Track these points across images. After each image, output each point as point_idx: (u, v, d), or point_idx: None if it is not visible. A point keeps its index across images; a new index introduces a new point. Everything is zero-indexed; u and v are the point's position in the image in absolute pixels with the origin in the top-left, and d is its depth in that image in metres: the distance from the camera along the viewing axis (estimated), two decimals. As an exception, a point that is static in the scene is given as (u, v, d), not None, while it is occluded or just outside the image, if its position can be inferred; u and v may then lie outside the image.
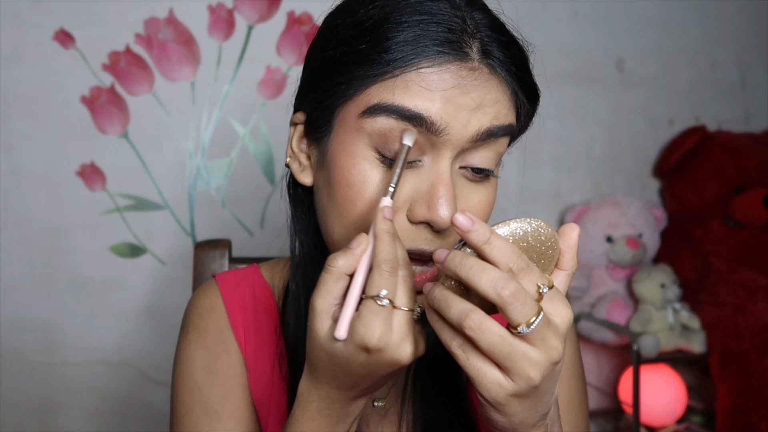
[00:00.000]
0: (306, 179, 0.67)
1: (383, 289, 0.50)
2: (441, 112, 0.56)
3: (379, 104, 0.57)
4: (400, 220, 0.59)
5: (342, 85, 0.59)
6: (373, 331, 0.49)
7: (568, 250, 0.54)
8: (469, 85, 0.57)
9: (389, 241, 0.52)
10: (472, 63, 0.58)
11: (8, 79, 1.50)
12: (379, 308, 0.50)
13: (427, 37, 0.56)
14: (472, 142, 0.58)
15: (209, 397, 0.69)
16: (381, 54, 0.57)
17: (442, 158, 0.58)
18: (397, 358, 0.50)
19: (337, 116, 0.61)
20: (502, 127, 0.59)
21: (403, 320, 0.51)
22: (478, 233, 0.49)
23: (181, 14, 1.57)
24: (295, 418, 0.56)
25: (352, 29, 0.59)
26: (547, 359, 0.48)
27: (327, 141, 0.62)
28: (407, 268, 0.52)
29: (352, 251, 0.53)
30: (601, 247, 1.73)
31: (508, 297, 0.47)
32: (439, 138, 0.57)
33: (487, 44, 0.59)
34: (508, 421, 0.52)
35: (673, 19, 1.90)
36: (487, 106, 0.58)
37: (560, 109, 1.81)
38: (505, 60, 0.59)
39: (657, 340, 1.59)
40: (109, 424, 1.58)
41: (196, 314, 0.75)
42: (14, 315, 1.53)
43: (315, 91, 0.62)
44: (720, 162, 1.79)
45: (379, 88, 0.57)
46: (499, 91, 0.59)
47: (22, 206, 1.53)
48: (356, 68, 0.58)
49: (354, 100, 0.59)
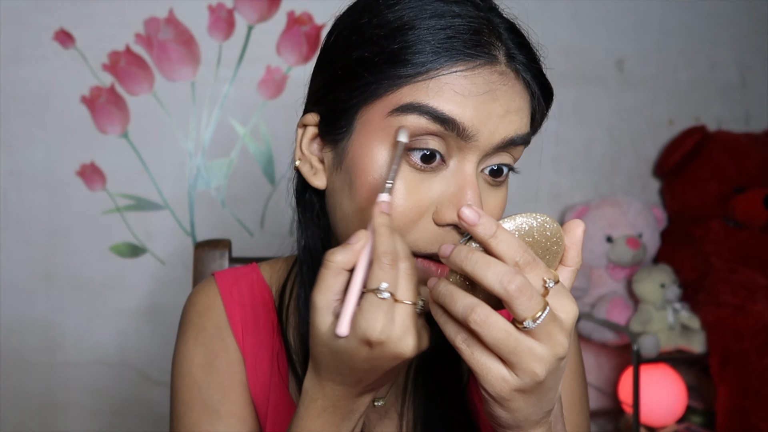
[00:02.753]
0: (318, 182, 0.66)
1: (383, 282, 0.49)
2: (473, 118, 0.56)
3: (412, 104, 0.57)
4: (425, 224, 0.59)
5: (372, 84, 0.58)
6: (375, 325, 0.49)
7: (573, 246, 0.54)
8: (499, 91, 0.57)
9: (388, 234, 0.52)
10: (500, 67, 0.58)
11: (8, 79, 1.50)
12: (380, 301, 0.49)
13: (458, 39, 0.57)
14: (496, 149, 0.59)
15: (209, 395, 0.69)
16: (415, 55, 0.57)
17: (468, 162, 0.58)
18: (400, 351, 0.50)
19: (361, 117, 0.60)
20: (521, 136, 0.60)
21: (405, 313, 0.50)
22: (484, 227, 0.49)
23: (181, 14, 1.57)
24: (300, 416, 0.56)
25: (380, 29, 0.59)
26: (553, 354, 0.48)
27: (347, 142, 0.61)
28: (409, 260, 0.52)
29: (351, 246, 0.52)
30: (601, 247, 1.73)
31: (514, 291, 0.47)
32: (468, 143, 0.57)
33: (511, 48, 0.59)
34: (512, 417, 0.51)
35: (673, 19, 1.90)
36: (512, 114, 0.58)
37: (560, 109, 1.81)
38: (527, 63, 0.60)
39: (657, 340, 1.59)
40: (109, 424, 1.58)
41: (194, 312, 0.75)
42: (14, 315, 1.53)
43: (338, 92, 0.62)
44: (720, 162, 1.79)
45: (412, 89, 0.57)
46: (523, 98, 0.60)
47: (22, 206, 1.53)
48: (389, 69, 0.58)
49: (383, 99, 0.58)
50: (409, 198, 0.58)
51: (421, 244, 0.58)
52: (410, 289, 0.51)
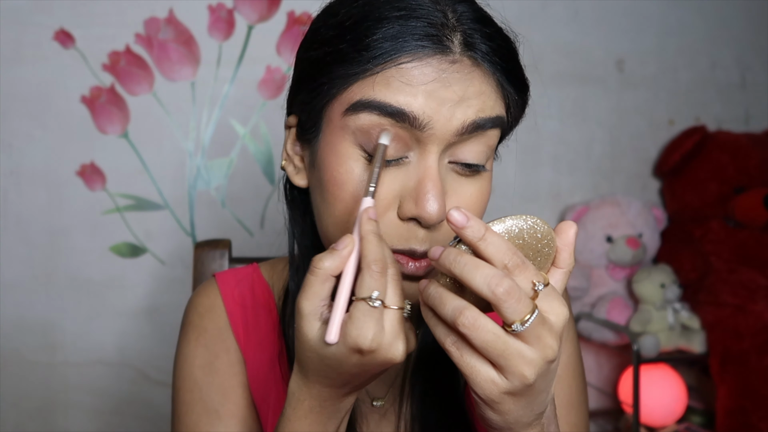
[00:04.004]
0: (301, 181, 0.67)
1: (375, 290, 0.49)
2: (423, 106, 0.56)
3: (361, 101, 0.57)
4: (390, 218, 0.59)
5: (325, 84, 0.59)
6: (367, 333, 0.49)
7: (564, 248, 0.53)
8: (450, 78, 0.56)
9: (376, 241, 0.51)
10: (453, 56, 0.57)
11: (8, 79, 1.50)
12: (371, 309, 0.49)
13: (407, 32, 0.56)
14: (458, 135, 0.57)
15: (209, 397, 0.70)
16: (361, 52, 0.57)
17: (428, 153, 0.57)
18: (391, 357, 0.50)
19: (324, 116, 0.61)
20: (489, 119, 0.58)
21: (395, 319, 0.50)
22: (473, 230, 0.49)
23: (181, 14, 1.57)
24: (287, 416, 0.56)
25: (333, 29, 0.59)
26: (542, 357, 0.48)
27: (316, 142, 0.62)
28: (394, 266, 0.52)
29: (338, 252, 0.52)
30: (601, 247, 1.73)
31: (502, 294, 0.46)
32: (424, 133, 0.56)
33: (469, 36, 0.58)
34: (503, 420, 0.51)
35: (673, 19, 1.90)
36: (471, 99, 0.57)
37: (560, 109, 1.81)
38: (489, 51, 0.59)
39: (657, 340, 1.59)
40: (109, 424, 1.58)
41: (195, 313, 0.75)
42: (14, 315, 1.53)
43: (302, 93, 0.63)
44: (720, 162, 1.79)
45: (360, 85, 0.57)
46: (483, 82, 0.58)
47: (22, 206, 1.53)
48: (338, 67, 0.58)
49: (338, 99, 0.59)
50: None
51: (388, 239, 0.57)
52: (398, 294, 0.51)
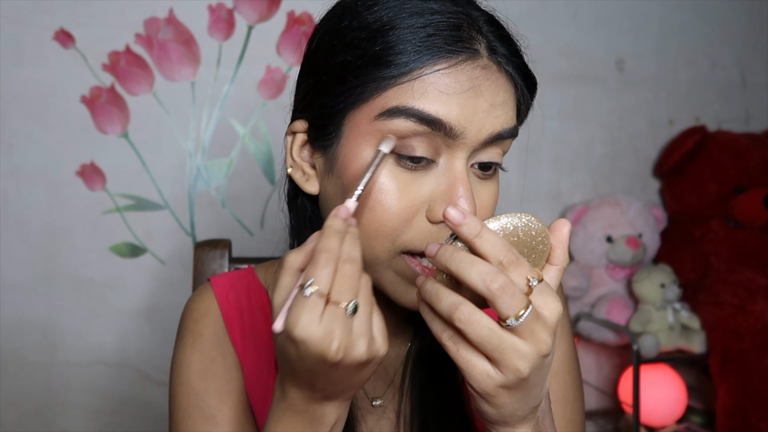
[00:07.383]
0: (311, 188, 0.66)
1: (311, 278, 0.48)
2: (459, 117, 0.57)
3: (398, 107, 0.57)
4: (419, 222, 0.59)
5: (357, 88, 0.59)
6: (296, 320, 0.47)
7: (558, 245, 0.55)
8: (483, 86, 0.58)
9: (331, 235, 0.50)
10: (482, 60, 0.59)
11: (8, 79, 1.50)
12: (304, 298, 0.48)
13: (439, 36, 0.57)
14: (484, 144, 0.59)
15: (206, 402, 0.69)
16: (397, 55, 0.57)
17: (457, 159, 0.59)
18: (321, 351, 0.47)
19: (348, 121, 0.60)
20: (509, 130, 0.60)
21: (333, 315, 0.48)
22: (469, 227, 0.50)
23: (181, 14, 1.57)
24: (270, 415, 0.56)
25: (360, 31, 0.59)
26: (536, 352, 0.49)
27: (336, 147, 0.61)
28: (353, 264, 0.50)
29: (304, 247, 0.52)
30: (601, 247, 1.73)
31: (496, 290, 0.47)
32: (456, 141, 0.58)
33: (492, 41, 0.60)
34: (498, 413, 0.52)
35: (673, 19, 1.90)
36: (497, 109, 0.59)
37: (560, 109, 1.81)
38: (509, 55, 0.60)
39: (657, 340, 1.59)
40: (109, 424, 1.58)
41: (191, 318, 0.74)
42: (14, 315, 1.53)
43: (324, 97, 0.62)
44: (720, 162, 1.79)
45: (397, 91, 0.57)
46: (507, 91, 0.60)
47: (22, 206, 1.53)
48: (372, 71, 0.58)
49: (369, 103, 0.58)
50: (401, 198, 0.58)
51: (417, 243, 0.59)
52: (346, 291, 0.49)
